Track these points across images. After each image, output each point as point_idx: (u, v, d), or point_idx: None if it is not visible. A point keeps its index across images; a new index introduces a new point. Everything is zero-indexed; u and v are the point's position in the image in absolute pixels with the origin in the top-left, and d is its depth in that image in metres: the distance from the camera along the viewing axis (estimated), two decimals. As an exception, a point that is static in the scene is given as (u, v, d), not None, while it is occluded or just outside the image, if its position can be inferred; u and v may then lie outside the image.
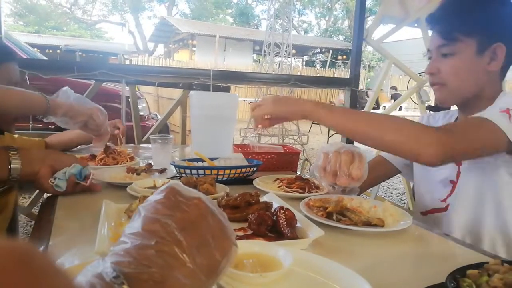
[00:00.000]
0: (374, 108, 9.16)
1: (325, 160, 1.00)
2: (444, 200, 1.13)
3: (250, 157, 1.39)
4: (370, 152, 1.71)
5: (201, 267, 0.36)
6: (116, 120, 1.60)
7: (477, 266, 0.58)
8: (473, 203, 1.04)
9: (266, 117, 1.02)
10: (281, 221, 0.75)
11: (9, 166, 0.88)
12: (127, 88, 2.62)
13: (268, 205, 0.87)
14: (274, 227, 0.76)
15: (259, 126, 1.05)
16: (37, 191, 2.41)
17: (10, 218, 1.31)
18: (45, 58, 4.66)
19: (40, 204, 1.03)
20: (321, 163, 1.01)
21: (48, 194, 1.05)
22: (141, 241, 0.35)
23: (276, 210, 0.79)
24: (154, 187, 1.06)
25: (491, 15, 1.01)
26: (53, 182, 0.96)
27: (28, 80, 2.19)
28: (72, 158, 1.03)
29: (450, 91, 1.06)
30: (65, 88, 1.24)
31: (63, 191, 0.97)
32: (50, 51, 13.06)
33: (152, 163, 1.28)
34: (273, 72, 6.78)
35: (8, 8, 23.33)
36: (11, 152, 0.90)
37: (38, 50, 6.99)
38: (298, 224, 0.79)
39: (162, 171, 1.24)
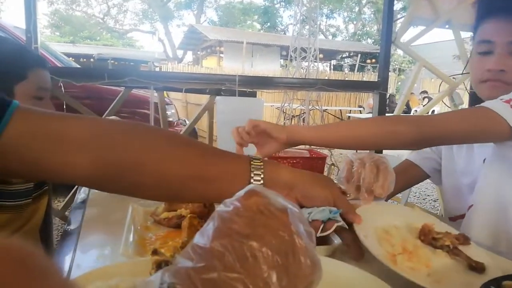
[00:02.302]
0: (404, 112, 8.94)
1: (349, 172, 0.96)
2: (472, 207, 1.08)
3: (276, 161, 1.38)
4: (397, 158, 1.66)
5: None
6: None
7: (513, 277, 0.55)
8: (494, 204, 0.98)
9: None
10: None
11: None
12: (156, 94, 2.68)
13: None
14: None
15: None
16: (70, 194, 2.50)
17: (41, 221, 1.36)
18: (78, 66, 4.84)
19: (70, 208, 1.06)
20: (344, 175, 0.97)
21: (80, 199, 1.08)
22: (206, 263, 0.31)
23: None
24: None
25: None
26: None
27: (63, 88, 2.29)
28: (329, 193, 0.93)
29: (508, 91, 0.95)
30: None
31: None
32: (84, 60, 13.58)
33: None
34: (300, 77, 6.75)
35: (46, 20, 24.53)
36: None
37: (73, 59, 7.28)
38: None
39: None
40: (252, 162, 0.60)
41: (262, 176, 0.59)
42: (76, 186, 2.48)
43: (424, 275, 0.63)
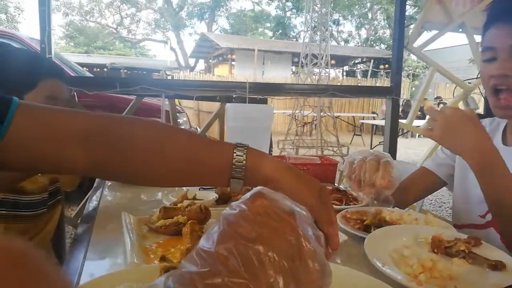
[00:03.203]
0: (418, 118, 8.83)
1: (351, 169, 0.97)
2: (484, 217, 1.04)
3: (286, 168, 1.37)
4: (413, 164, 1.64)
5: None
6: None
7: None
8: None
9: None
10: None
11: None
12: (167, 102, 2.70)
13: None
14: None
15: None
16: (83, 202, 2.52)
17: (54, 229, 1.37)
18: (91, 76, 4.92)
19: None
20: (347, 172, 0.98)
21: (91, 207, 1.09)
22: (210, 267, 0.30)
23: None
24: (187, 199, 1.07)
25: None
26: None
27: (76, 97, 2.32)
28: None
29: None
30: None
31: None
32: (98, 69, 13.81)
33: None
34: (311, 83, 6.74)
35: (61, 31, 25.09)
36: None
37: (87, 69, 7.40)
38: None
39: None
40: (235, 150, 0.57)
41: (243, 167, 0.56)
42: (88, 195, 2.51)
43: None
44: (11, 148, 0.50)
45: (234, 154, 0.56)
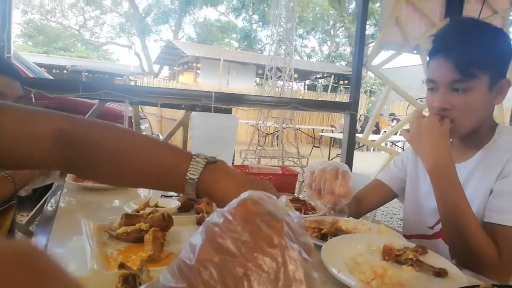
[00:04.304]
0: (374, 132, 9.17)
1: (311, 178, 1.03)
2: (432, 228, 1.11)
3: (248, 178, 1.40)
4: (367, 177, 1.72)
5: None
6: None
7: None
8: None
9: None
10: None
11: None
12: (130, 108, 2.66)
13: None
14: None
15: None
16: (36, 209, 2.42)
17: (5, 235, 1.31)
18: (51, 77, 4.74)
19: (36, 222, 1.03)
20: (308, 181, 1.04)
21: (48, 212, 1.06)
22: (188, 283, 0.29)
23: None
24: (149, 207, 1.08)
25: (501, 49, 0.98)
26: None
27: (33, 99, 2.23)
28: None
29: (458, 127, 0.99)
30: None
31: None
32: (57, 71, 13.29)
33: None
34: (275, 96, 6.86)
35: (18, 29, 23.90)
36: None
37: (46, 70, 7.12)
38: None
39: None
40: (192, 162, 0.59)
41: (195, 184, 0.59)
42: (41, 202, 2.41)
43: None
44: None
45: (189, 168, 0.59)
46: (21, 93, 1.26)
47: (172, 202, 1.11)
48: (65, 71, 12.77)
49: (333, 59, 26.71)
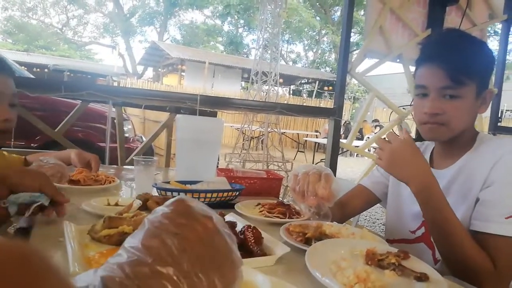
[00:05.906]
0: (358, 138, 9.31)
1: (295, 181, 1.04)
2: (414, 232, 1.14)
3: (233, 181, 1.40)
4: (351, 182, 1.74)
5: None
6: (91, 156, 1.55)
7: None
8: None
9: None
10: (249, 239, 0.78)
11: None
12: (114, 109, 2.63)
13: (232, 225, 0.89)
14: (242, 245, 0.77)
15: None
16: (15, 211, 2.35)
17: None
18: (32, 76, 4.64)
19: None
20: (291, 185, 1.05)
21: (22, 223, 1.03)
22: (138, 257, 0.33)
23: (243, 229, 0.81)
24: (109, 205, 1.09)
25: (486, 60, 1.02)
26: (5, 204, 0.85)
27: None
28: (36, 182, 0.88)
29: (447, 131, 1.02)
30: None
31: (12, 215, 0.86)
32: (38, 70, 13.01)
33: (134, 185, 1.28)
34: (260, 100, 6.88)
35: (-2, 26, 23.38)
36: None
37: (26, 69, 6.96)
38: (265, 242, 0.83)
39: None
40: None
41: None
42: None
43: None
44: None
45: None
46: (15, 90, 1.24)
47: (134, 202, 1.09)
48: (46, 70, 12.52)
49: (318, 65, 26.98)
